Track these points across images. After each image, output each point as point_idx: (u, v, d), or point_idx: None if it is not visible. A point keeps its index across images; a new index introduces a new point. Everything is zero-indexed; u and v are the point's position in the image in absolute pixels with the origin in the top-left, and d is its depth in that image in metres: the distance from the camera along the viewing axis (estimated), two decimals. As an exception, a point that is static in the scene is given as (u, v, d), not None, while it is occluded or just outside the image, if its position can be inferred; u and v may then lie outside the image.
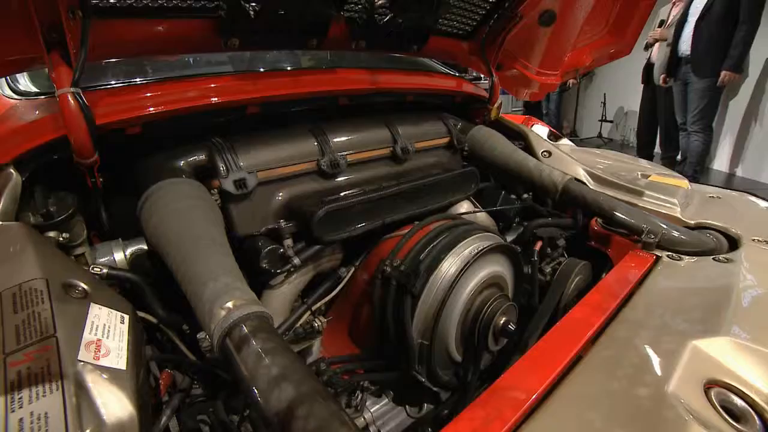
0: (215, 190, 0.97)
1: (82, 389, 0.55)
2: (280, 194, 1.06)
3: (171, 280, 0.81)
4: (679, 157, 5.06)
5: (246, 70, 1.14)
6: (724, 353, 0.76)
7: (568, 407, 0.64)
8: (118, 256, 0.90)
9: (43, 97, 1.01)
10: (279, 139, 1.08)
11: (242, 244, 0.99)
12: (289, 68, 1.21)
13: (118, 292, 0.82)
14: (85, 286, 0.71)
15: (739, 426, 0.63)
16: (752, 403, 0.68)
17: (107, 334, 0.66)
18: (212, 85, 1.02)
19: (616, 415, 0.61)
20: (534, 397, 0.64)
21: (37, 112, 0.93)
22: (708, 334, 0.79)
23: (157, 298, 0.88)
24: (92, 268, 0.82)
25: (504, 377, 0.70)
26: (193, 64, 1.33)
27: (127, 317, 0.71)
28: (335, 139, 1.16)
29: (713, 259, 1.10)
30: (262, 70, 1.12)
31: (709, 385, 0.69)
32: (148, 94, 0.96)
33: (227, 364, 0.64)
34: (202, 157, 0.98)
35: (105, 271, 0.83)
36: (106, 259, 0.88)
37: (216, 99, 1.00)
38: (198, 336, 0.66)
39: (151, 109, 0.94)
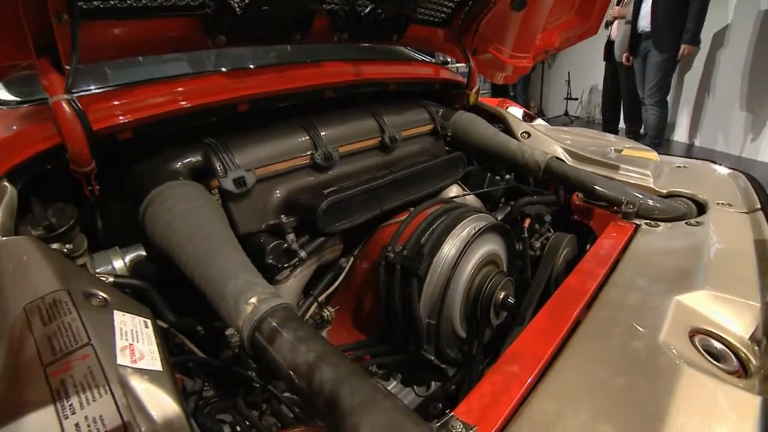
0: (215, 190, 0.99)
1: (129, 391, 0.58)
2: (278, 190, 1.09)
3: (178, 284, 0.84)
4: (642, 130, 5.30)
5: (235, 68, 1.15)
6: (703, 304, 0.87)
7: (574, 366, 0.71)
8: (118, 263, 0.91)
9: (26, 105, 1.00)
10: (271, 135, 1.11)
11: (245, 242, 1.02)
12: (275, 64, 1.22)
13: None
14: (104, 294, 0.73)
15: (719, 365, 0.73)
16: (728, 345, 0.79)
17: (137, 339, 0.68)
18: (204, 84, 1.04)
19: (618, 367, 0.70)
20: (543, 360, 0.71)
21: (24, 121, 0.92)
22: (688, 289, 0.90)
23: (165, 303, 0.90)
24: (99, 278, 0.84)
25: (513, 346, 0.77)
26: (180, 63, 1.33)
27: (149, 321, 0.74)
28: (326, 132, 1.19)
29: (686, 223, 1.22)
30: (251, 66, 1.14)
31: (692, 333, 0.80)
32: (141, 97, 0.96)
33: (258, 357, 0.67)
34: (198, 158, 1.00)
35: (111, 279, 0.84)
36: (105, 268, 0.89)
37: (209, 98, 1.02)
38: (227, 332, 0.69)
39: (146, 111, 0.95)
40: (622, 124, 5.76)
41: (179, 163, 0.98)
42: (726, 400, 0.65)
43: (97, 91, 1.00)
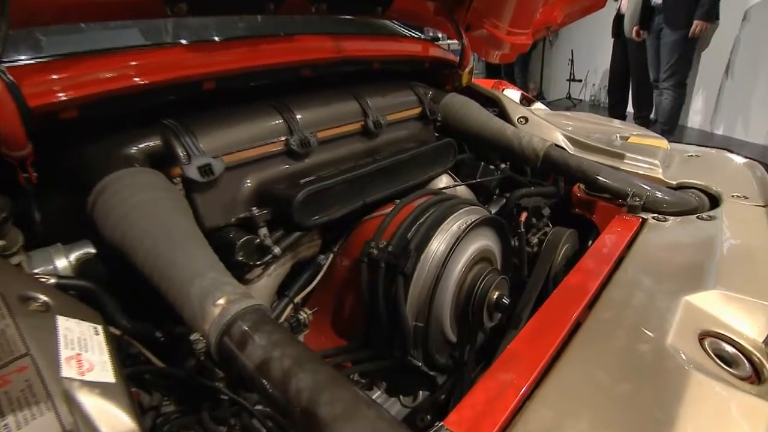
0: (177, 179, 0.97)
1: (75, 407, 0.56)
2: (249, 179, 1.08)
3: (133, 285, 0.82)
4: (653, 115, 5.33)
5: (198, 40, 1.12)
6: (713, 305, 0.88)
7: (574, 371, 0.72)
8: (61, 263, 0.88)
9: None
10: (240, 118, 1.09)
11: (211, 237, 1.01)
12: (245, 37, 1.20)
13: None
14: (45, 298, 0.71)
15: (731, 370, 0.75)
16: (741, 349, 0.81)
17: (85, 347, 0.67)
18: (162, 58, 1.01)
19: (622, 371, 0.71)
20: (540, 365, 0.72)
21: None
22: (697, 289, 0.91)
23: (117, 307, 0.88)
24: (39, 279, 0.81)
25: (508, 350, 0.77)
26: (133, 33, 1.29)
27: (100, 327, 0.72)
28: (302, 116, 1.18)
29: (697, 217, 1.24)
30: (216, 39, 1.12)
31: (702, 336, 0.81)
32: (88, 70, 0.92)
33: (227, 365, 0.67)
34: (157, 142, 0.98)
35: (53, 280, 0.82)
36: (45, 267, 0.86)
37: (169, 74, 1.00)
38: (191, 338, 0.68)
39: (93, 87, 0.91)
40: (630, 109, 5.79)
41: (135, 148, 0.95)
42: (738, 408, 0.66)
43: (33, 61, 0.95)
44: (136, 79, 0.96)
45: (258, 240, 1.01)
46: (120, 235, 0.81)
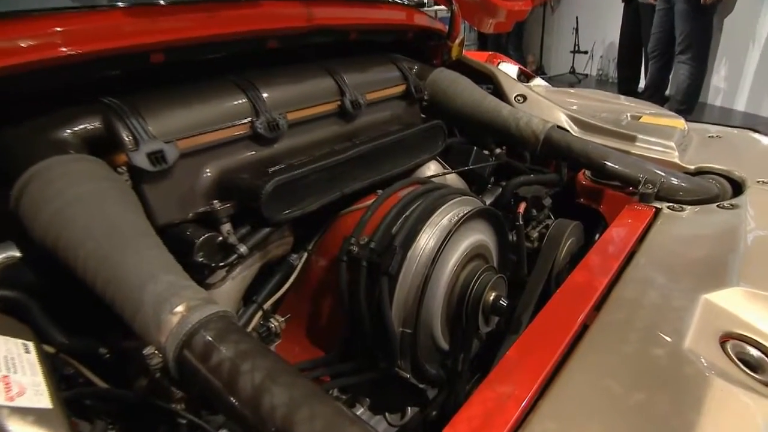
0: (122, 167, 0.95)
1: None
2: (209, 168, 1.07)
3: (70, 293, 0.80)
4: (668, 91, 5.35)
5: (142, 3, 1.09)
6: (736, 304, 0.89)
7: (581, 380, 0.73)
8: None
9: None
10: (197, 96, 1.08)
11: (166, 235, 0.99)
12: (199, 1, 1.17)
13: None
14: None
15: (757, 376, 0.76)
16: (767, 352, 0.82)
17: (14, 368, 0.65)
18: (98, 24, 0.97)
19: (634, 378, 0.72)
20: (543, 374, 0.73)
21: None
22: (718, 286, 0.93)
23: (51, 320, 0.86)
24: None
25: (507, 358, 0.78)
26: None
27: (31, 344, 0.71)
28: (269, 94, 1.17)
29: (717, 206, 1.26)
30: (162, 2, 1.09)
31: (724, 339, 0.83)
32: (7, 36, 0.87)
33: (188, 382, 0.66)
34: (96, 124, 0.95)
35: None
36: None
37: (108, 44, 0.96)
38: (145, 352, 0.67)
39: (10, 57, 0.86)
40: (643, 84, 5.81)
41: (68, 131, 0.92)
42: (764, 417, 0.67)
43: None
44: (65, 48, 0.92)
45: (220, 238, 1.00)
46: (54, 235, 0.79)
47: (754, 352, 0.81)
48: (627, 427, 0.64)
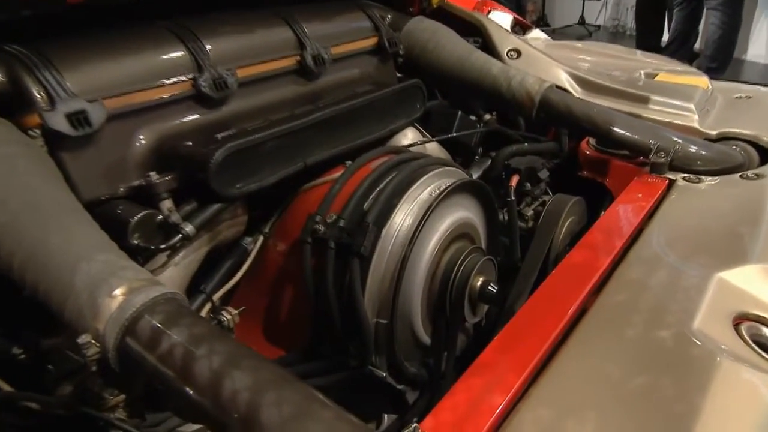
0: (35, 130, 0.94)
1: None
2: (144, 133, 1.08)
3: None
4: (697, 45, 5.37)
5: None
6: (753, 283, 0.96)
7: (578, 365, 0.79)
8: None
9: None
10: (126, 47, 1.08)
11: (92, 214, 1.00)
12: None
13: None
14: None
15: None
16: None
17: None
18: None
19: (636, 362, 0.78)
20: (536, 358, 0.78)
21: None
22: (735, 263, 0.99)
23: None
24: None
25: (496, 341, 0.83)
26: None
27: None
28: (213, 46, 1.18)
29: (740, 176, 1.32)
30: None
31: (738, 320, 0.89)
32: None
33: (130, 375, 0.68)
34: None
35: None
36: None
37: None
38: (79, 341, 0.69)
39: None
40: (667, 37, 5.75)
41: None
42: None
43: None
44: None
45: (160, 216, 1.02)
46: None
47: (773, 334, 0.88)
48: (626, 412, 0.70)
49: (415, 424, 0.65)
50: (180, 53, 1.13)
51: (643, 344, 0.82)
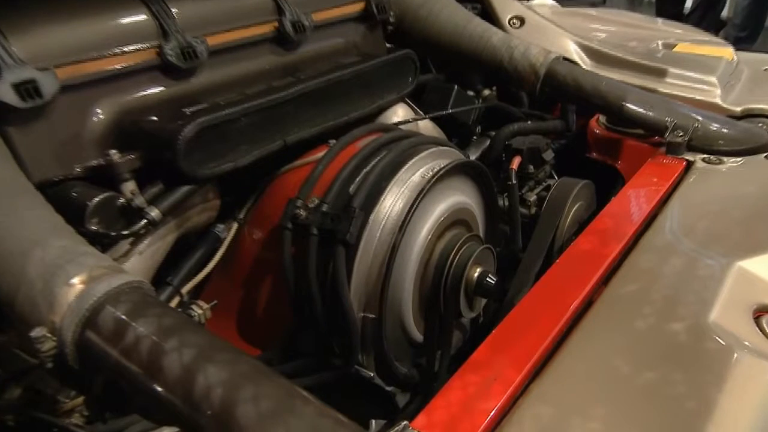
0: None
1: None
2: (103, 107, 1.07)
3: None
4: (725, 13, 5.35)
5: None
6: None
7: (583, 359, 0.80)
8: None
9: None
10: (80, 10, 1.07)
11: (44, 195, 1.00)
12: None
13: None
14: None
15: None
16: None
17: None
18: None
19: (646, 357, 0.79)
20: (538, 353, 0.79)
21: None
22: (757, 251, 1.00)
23: None
24: None
25: (495, 334, 0.84)
26: None
27: None
28: (180, 10, 1.17)
29: (766, 157, 1.32)
30: None
31: (759, 313, 0.90)
32: None
33: (90, 371, 0.68)
34: None
35: None
36: None
37: None
38: (33, 334, 0.69)
39: None
40: (690, 3, 5.70)
41: None
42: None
43: None
44: None
45: (122, 200, 1.02)
46: None
47: (798, 330, 0.90)
48: (634, 410, 0.71)
49: (405, 422, 0.65)
50: (143, 17, 1.12)
51: (654, 337, 0.83)
